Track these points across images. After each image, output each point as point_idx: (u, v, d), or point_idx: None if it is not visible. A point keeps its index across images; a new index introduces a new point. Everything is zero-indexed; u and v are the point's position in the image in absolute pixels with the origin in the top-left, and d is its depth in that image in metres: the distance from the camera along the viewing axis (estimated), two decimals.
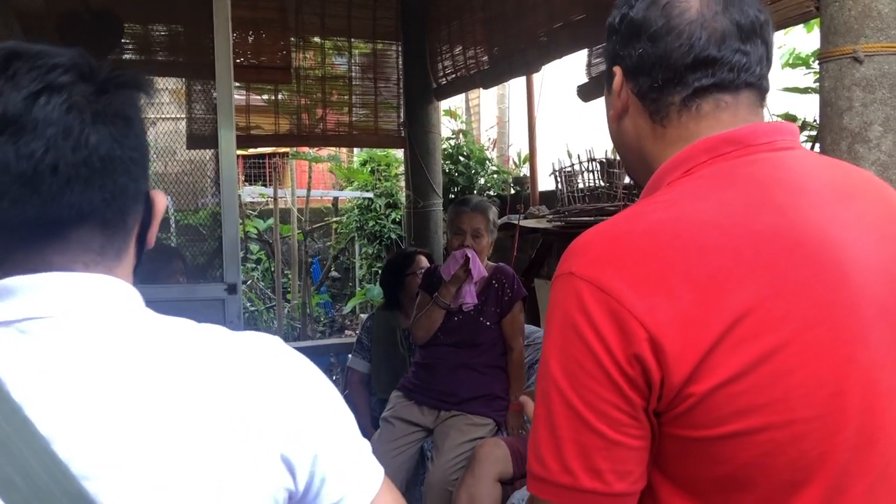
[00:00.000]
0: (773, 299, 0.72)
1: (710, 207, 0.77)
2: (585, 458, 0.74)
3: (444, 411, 2.88)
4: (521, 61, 3.94)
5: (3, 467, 0.58)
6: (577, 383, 0.74)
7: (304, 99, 4.91)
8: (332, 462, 0.72)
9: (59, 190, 0.64)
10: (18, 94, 0.62)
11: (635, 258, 0.74)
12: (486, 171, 6.58)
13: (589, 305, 0.73)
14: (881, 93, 1.58)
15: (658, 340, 0.71)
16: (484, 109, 9.46)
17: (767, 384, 0.71)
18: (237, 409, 0.67)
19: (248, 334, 0.74)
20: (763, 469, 0.73)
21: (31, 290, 0.65)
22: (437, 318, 2.90)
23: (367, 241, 8.24)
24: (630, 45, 0.86)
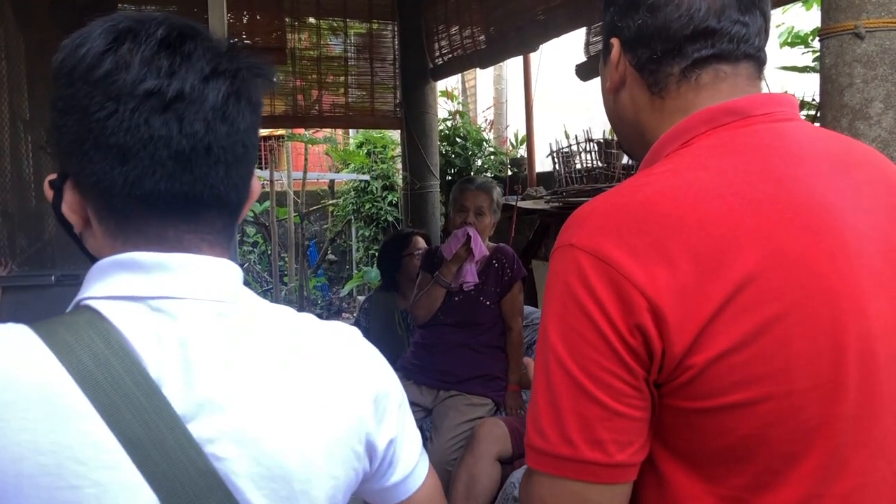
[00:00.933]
0: (773, 269, 0.72)
1: (710, 176, 0.76)
2: (587, 429, 0.73)
3: (443, 391, 2.89)
4: (519, 40, 3.92)
5: (143, 443, 0.61)
6: (578, 354, 0.73)
7: (299, 80, 4.89)
8: (400, 448, 0.78)
9: (208, 171, 0.67)
10: (193, 76, 0.65)
11: (635, 228, 0.73)
12: (484, 153, 6.56)
13: (589, 276, 0.73)
14: (882, 69, 1.57)
15: (659, 310, 0.70)
16: (481, 90, 9.41)
17: (768, 354, 0.71)
18: (344, 404, 0.71)
19: (338, 326, 0.78)
20: (763, 440, 0.73)
21: (163, 269, 0.67)
22: (438, 297, 2.90)
23: (364, 223, 8.23)
24: (628, 15, 0.85)
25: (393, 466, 0.78)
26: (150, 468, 0.61)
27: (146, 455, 0.61)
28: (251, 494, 0.65)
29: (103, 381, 0.62)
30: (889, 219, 0.80)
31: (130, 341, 0.64)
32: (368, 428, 0.73)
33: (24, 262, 3.23)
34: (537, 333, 2.87)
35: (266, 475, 0.66)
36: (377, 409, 0.75)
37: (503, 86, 8.84)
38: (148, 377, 0.63)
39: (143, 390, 0.62)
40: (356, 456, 0.73)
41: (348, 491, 0.74)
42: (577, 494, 0.75)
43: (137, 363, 0.63)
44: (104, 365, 0.62)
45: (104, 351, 0.63)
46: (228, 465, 0.64)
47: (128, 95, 0.63)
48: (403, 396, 0.80)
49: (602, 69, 0.94)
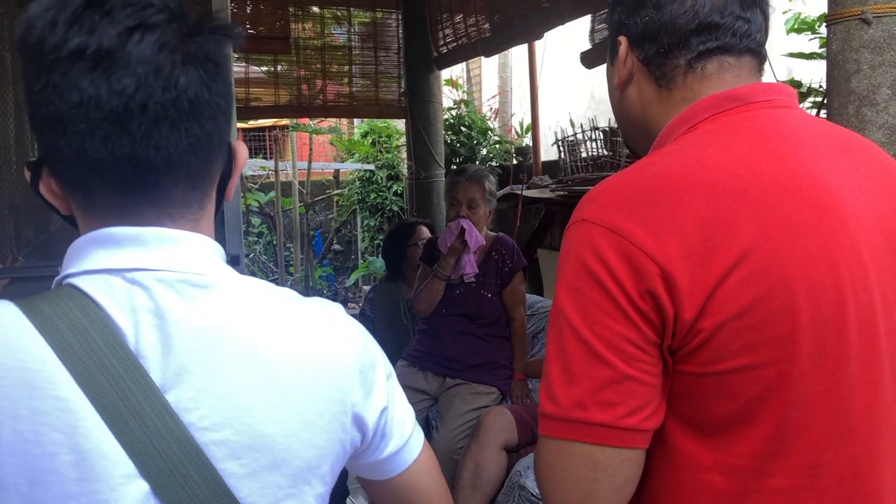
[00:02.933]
0: (779, 238, 0.74)
1: (716, 153, 0.80)
2: (598, 392, 0.75)
3: (449, 378, 2.89)
4: (523, 28, 3.89)
5: (120, 411, 0.61)
6: (591, 319, 0.76)
7: (303, 70, 4.88)
8: (392, 419, 0.78)
9: (148, 130, 0.64)
10: (114, 29, 0.62)
11: (644, 201, 0.77)
12: (489, 142, 6.54)
13: (601, 246, 0.76)
14: (890, 55, 1.56)
15: (670, 275, 0.73)
16: (485, 79, 9.37)
17: (775, 319, 0.73)
18: (324, 374, 0.71)
19: (320, 301, 0.77)
20: (770, 405, 0.75)
21: (137, 242, 0.66)
22: (438, 290, 2.90)
23: (369, 213, 8.23)
24: (635, 13, 0.89)
25: (386, 438, 0.77)
26: (127, 437, 0.61)
27: (123, 424, 0.61)
28: (230, 463, 0.65)
29: (80, 350, 0.62)
30: (884, 200, 0.83)
31: (108, 312, 0.64)
32: (354, 399, 0.73)
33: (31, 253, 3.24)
34: (542, 322, 2.87)
35: (245, 444, 0.66)
36: (363, 380, 0.74)
37: (508, 74, 8.80)
38: (126, 347, 0.63)
39: (121, 360, 0.63)
40: (342, 427, 0.72)
41: (336, 463, 0.73)
42: (586, 458, 0.77)
43: (115, 333, 0.63)
44: (82, 335, 0.62)
45: (82, 321, 0.63)
46: (207, 435, 0.64)
47: (57, 60, 0.62)
48: (391, 369, 0.80)
49: (609, 68, 0.98)
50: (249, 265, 8.04)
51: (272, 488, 0.67)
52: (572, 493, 0.78)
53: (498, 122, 8.01)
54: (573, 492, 0.78)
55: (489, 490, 2.40)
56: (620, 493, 0.78)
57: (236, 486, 0.65)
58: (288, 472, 0.68)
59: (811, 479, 0.77)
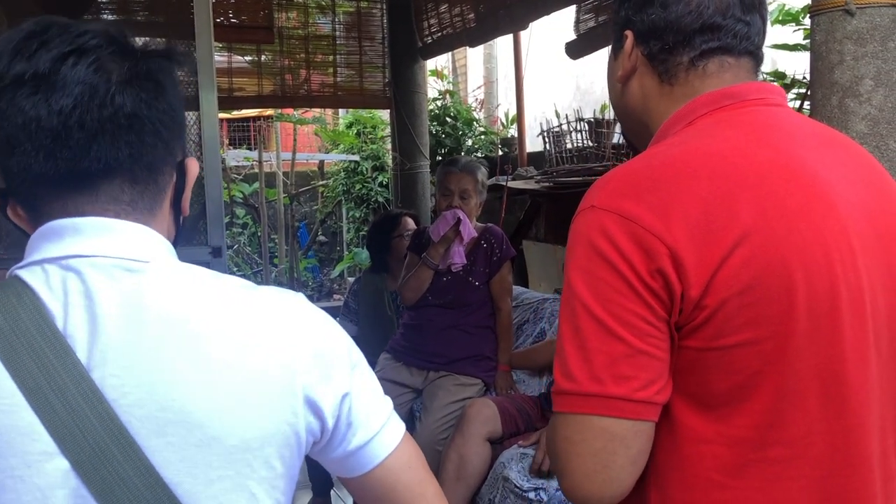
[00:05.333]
0: (776, 220, 0.80)
1: (716, 142, 0.86)
2: (613, 366, 0.80)
3: (433, 372, 2.89)
4: (508, 18, 3.88)
5: (43, 389, 0.64)
6: (604, 299, 0.80)
7: (287, 60, 4.84)
8: (358, 409, 0.76)
9: (87, 144, 0.69)
10: (48, 55, 0.68)
11: (651, 186, 0.82)
12: (474, 132, 6.52)
13: (611, 230, 0.80)
14: (872, 46, 1.56)
15: (677, 255, 0.78)
16: (471, 69, 9.35)
17: (773, 296, 0.79)
18: (266, 352, 0.71)
19: (276, 288, 0.77)
20: (768, 378, 0.80)
21: (75, 231, 0.70)
22: (426, 278, 2.89)
23: (355, 204, 8.19)
24: (643, 10, 0.94)
25: (353, 428, 0.75)
26: (48, 415, 0.63)
27: (45, 402, 0.64)
28: (155, 440, 0.65)
29: (7, 329, 0.65)
30: (868, 190, 0.89)
31: (41, 296, 0.68)
32: (306, 382, 0.71)
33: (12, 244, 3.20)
34: (527, 313, 2.87)
35: (171, 420, 0.66)
36: (318, 363, 0.73)
37: (493, 65, 8.78)
38: (54, 328, 0.66)
39: (48, 340, 0.65)
40: (290, 410, 0.71)
41: (286, 448, 0.71)
42: (604, 430, 0.81)
43: (45, 315, 0.66)
44: (10, 316, 0.66)
45: (14, 305, 0.67)
46: (131, 411, 0.65)
47: (4, 88, 0.68)
48: (359, 358, 0.79)
49: (612, 62, 1.03)
50: (234, 256, 7.98)
51: (202, 467, 0.67)
52: (591, 465, 0.82)
53: (483, 113, 7.99)
54: (592, 463, 0.82)
55: (473, 482, 2.40)
56: (635, 464, 0.83)
57: (162, 464, 0.66)
58: (220, 450, 0.67)
59: (806, 447, 0.82)
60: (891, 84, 1.56)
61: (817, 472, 0.82)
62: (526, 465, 2.28)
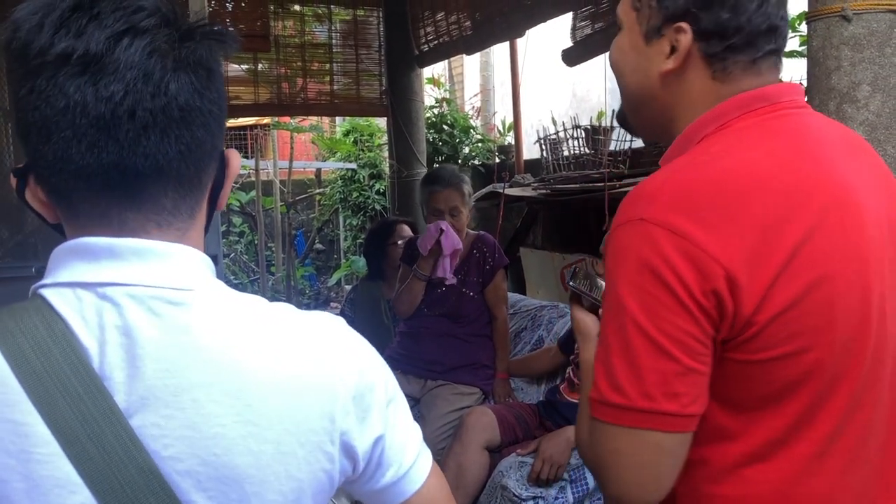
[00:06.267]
0: (819, 237, 0.82)
1: (762, 156, 0.86)
2: (665, 384, 0.81)
3: (431, 381, 2.88)
4: (505, 26, 3.89)
5: (79, 437, 0.58)
6: (656, 316, 0.81)
7: (284, 68, 4.84)
8: (390, 447, 0.72)
9: (136, 137, 0.62)
10: (102, 34, 0.60)
11: (704, 203, 0.82)
12: (471, 140, 6.53)
13: (664, 247, 0.80)
14: (869, 51, 1.56)
15: (733, 275, 0.79)
16: (467, 77, 9.36)
17: (816, 310, 0.82)
18: (309, 400, 0.66)
19: (317, 316, 0.72)
20: (805, 384, 0.84)
21: (112, 254, 0.63)
22: (418, 290, 2.87)
23: (352, 212, 8.18)
24: (711, 10, 0.90)
25: (382, 468, 0.72)
26: (85, 464, 0.58)
27: (82, 450, 0.58)
28: (196, 496, 0.61)
29: (41, 369, 0.59)
30: (885, 194, 0.92)
31: (74, 330, 0.61)
32: (344, 427, 0.68)
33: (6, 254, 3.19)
34: (525, 321, 2.85)
35: (213, 476, 0.61)
36: (358, 406, 0.69)
37: (490, 72, 8.79)
38: (89, 367, 0.60)
39: (83, 381, 0.59)
40: (327, 457, 0.67)
41: (320, 494, 0.68)
42: (655, 444, 0.83)
43: (79, 353, 0.60)
44: (43, 353, 0.60)
45: (45, 339, 0.60)
46: (172, 465, 0.61)
47: (43, 65, 0.60)
48: (395, 390, 0.75)
49: (640, 48, 0.96)
50: (230, 265, 7.96)
51: None
52: (641, 475, 0.85)
53: (480, 121, 8.00)
54: (642, 474, 0.85)
55: (471, 490, 2.39)
56: (677, 469, 0.86)
57: None
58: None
59: (830, 444, 0.86)
60: (888, 89, 1.56)
61: (839, 465, 0.87)
62: (524, 473, 2.27)
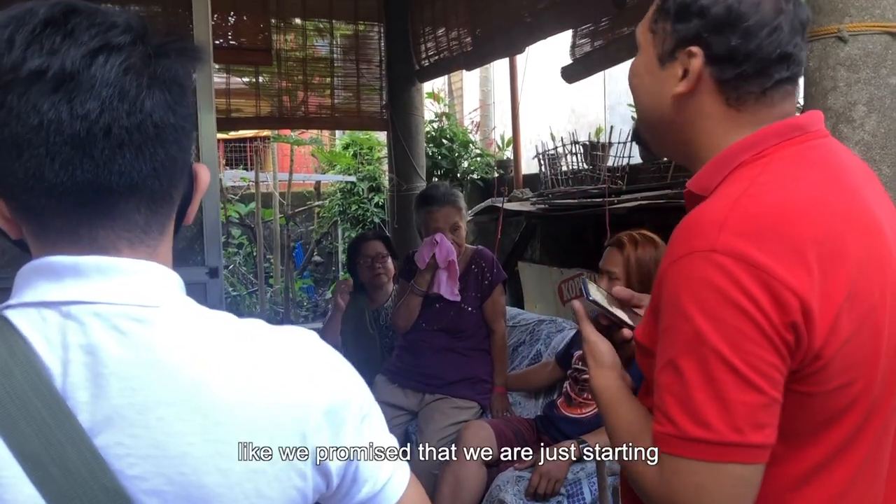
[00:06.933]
0: (868, 268, 0.84)
1: (811, 188, 0.86)
2: (753, 416, 0.81)
3: (429, 394, 2.88)
4: (505, 42, 3.92)
5: (42, 458, 0.58)
6: (741, 350, 0.80)
7: (285, 82, 4.86)
8: (364, 463, 0.71)
9: (111, 155, 0.61)
10: (77, 51, 0.60)
11: (772, 234, 0.81)
12: (470, 154, 6.55)
13: (742, 279, 0.80)
14: (865, 72, 1.58)
15: (808, 309, 0.80)
16: (467, 92, 9.41)
17: (868, 342, 0.84)
18: (280, 418, 0.65)
19: (288, 332, 0.71)
20: (850, 412, 0.86)
21: (76, 273, 0.63)
22: (415, 305, 2.88)
23: (350, 224, 8.20)
24: (721, 34, 0.90)
25: (358, 484, 0.71)
26: (49, 486, 0.57)
27: (45, 472, 0.57)
28: None
29: (2, 392, 0.58)
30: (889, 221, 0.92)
31: (37, 350, 0.60)
32: (317, 443, 0.66)
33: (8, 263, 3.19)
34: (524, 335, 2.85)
35: (180, 495, 0.60)
36: (330, 422, 0.68)
37: (489, 88, 8.84)
38: (52, 388, 0.59)
39: (46, 402, 0.59)
40: (299, 475, 0.66)
41: None
42: (742, 477, 0.82)
43: (41, 373, 0.59)
44: (4, 375, 0.59)
45: (7, 360, 0.59)
46: (137, 484, 0.59)
47: (14, 81, 0.59)
48: (370, 405, 0.73)
49: (655, 71, 0.97)
50: (229, 276, 7.96)
51: None
52: None
53: (479, 135, 8.03)
54: None
55: None
56: (754, 499, 0.85)
57: None
58: None
59: (863, 468, 0.89)
60: (883, 110, 1.58)
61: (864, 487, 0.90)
62: (522, 487, 2.27)
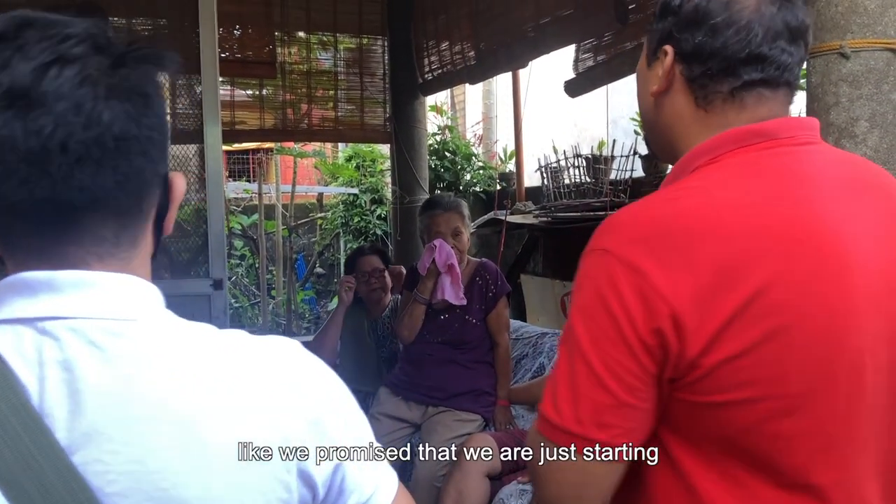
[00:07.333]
0: (781, 285, 0.79)
1: (734, 195, 0.84)
2: (597, 414, 0.82)
3: (432, 407, 2.87)
4: (508, 56, 3.94)
5: (19, 478, 0.56)
6: (599, 348, 0.82)
7: (289, 94, 4.89)
8: (350, 472, 0.69)
9: (69, 171, 0.59)
10: (27, 66, 0.58)
11: (665, 239, 0.81)
12: (472, 167, 6.58)
13: (619, 282, 0.81)
14: (867, 88, 1.59)
15: (679, 317, 0.78)
16: (469, 105, 9.44)
17: (768, 361, 0.79)
18: (262, 418, 0.64)
19: (270, 339, 0.70)
20: (759, 435, 0.81)
21: (50, 288, 0.61)
22: (419, 314, 2.88)
23: (353, 236, 8.21)
24: (688, 30, 0.90)
25: (344, 494, 0.69)
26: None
27: (22, 490, 0.56)
28: None
29: None
30: (892, 241, 0.86)
31: (13, 367, 0.59)
32: (302, 454, 0.65)
33: None
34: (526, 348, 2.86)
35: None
36: (314, 432, 0.66)
37: (492, 101, 8.87)
38: (28, 405, 0.58)
39: (22, 420, 0.57)
40: (284, 487, 0.64)
41: None
42: (581, 468, 0.84)
43: (17, 391, 0.58)
44: None
45: None
46: (117, 501, 0.58)
47: None
48: (355, 413, 0.72)
49: (644, 70, 0.99)
50: (231, 288, 7.96)
51: None
52: (565, 492, 0.87)
53: (482, 148, 8.06)
54: (566, 491, 0.87)
55: None
56: (604, 495, 0.87)
57: None
58: None
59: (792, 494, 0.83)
60: (885, 126, 1.59)
61: None
62: (525, 500, 2.27)
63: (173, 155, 3.59)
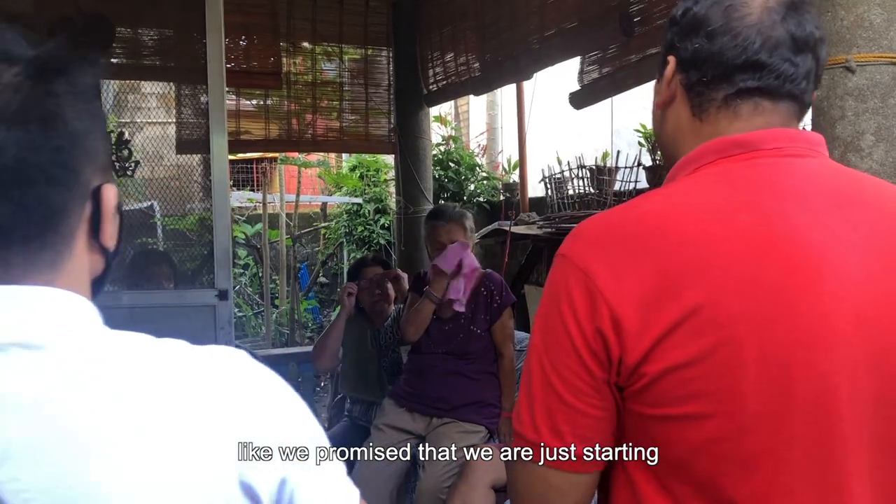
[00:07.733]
0: (734, 294, 0.76)
1: (697, 202, 0.82)
2: (550, 419, 0.82)
3: (436, 418, 2.87)
4: (513, 68, 3.95)
5: None
6: (551, 351, 0.82)
7: (294, 105, 4.91)
8: (301, 488, 0.64)
9: None
10: None
11: (618, 244, 0.81)
12: (476, 178, 6.59)
13: (571, 285, 0.81)
14: (873, 102, 1.59)
15: (618, 319, 0.77)
16: (473, 115, 9.46)
17: (717, 374, 0.75)
18: (195, 431, 0.61)
19: (212, 349, 0.66)
20: (708, 455, 0.77)
21: None
22: (428, 313, 2.86)
23: (356, 246, 8.22)
24: (688, 38, 0.90)
25: None
26: None
27: None
28: None
29: None
30: (881, 259, 0.80)
31: None
32: (242, 468, 0.61)
33: None
34: None
35: None
36: (260, 443, 0.63)
37: (496, 112, 8.89)
38: None
39: None
40: (226, 500, 0.61)
41: None
42: (541, 478, 0.84)
43: None
44: None
45: None
46: None
47: None
48: (307, 425, 0.68)
49: (656, 84, 0.99)
50: (235, 297, 7.97)
51: None
52: None
53: (486, 159, 8.07)
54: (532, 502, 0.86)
55: None
56: None
57: None
58: None
59: None
60: (891, 139, 1.59)
61: None
62: None
63: (178, 164, 3.62)
